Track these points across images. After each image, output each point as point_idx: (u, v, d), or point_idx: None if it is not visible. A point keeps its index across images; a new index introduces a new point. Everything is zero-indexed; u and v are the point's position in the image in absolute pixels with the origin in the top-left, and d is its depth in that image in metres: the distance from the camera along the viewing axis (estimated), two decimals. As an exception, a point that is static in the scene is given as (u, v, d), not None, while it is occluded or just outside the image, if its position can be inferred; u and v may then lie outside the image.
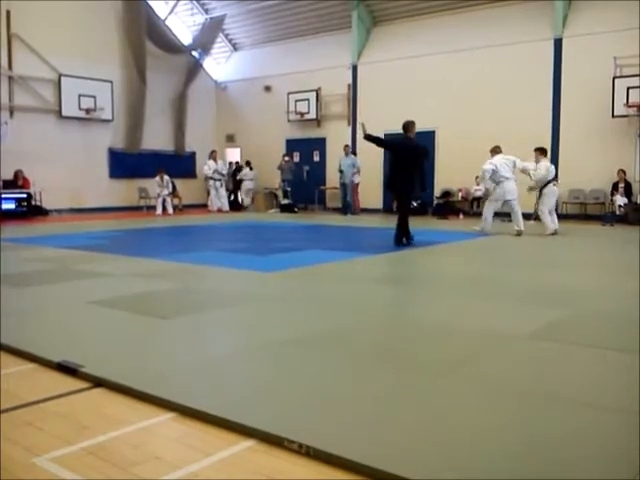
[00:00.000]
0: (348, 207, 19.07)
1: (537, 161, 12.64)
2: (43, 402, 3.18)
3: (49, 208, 18.17)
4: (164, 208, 19.34)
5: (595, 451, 2.56)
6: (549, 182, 12.53)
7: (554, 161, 16.41)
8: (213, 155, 21.12)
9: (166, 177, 19.58)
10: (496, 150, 12.80)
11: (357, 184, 19.27)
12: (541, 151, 12.81)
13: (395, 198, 10.75)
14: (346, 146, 19.28)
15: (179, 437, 2.77)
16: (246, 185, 21.63)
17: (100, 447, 2.65)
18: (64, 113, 18.83)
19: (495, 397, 3.18)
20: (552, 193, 12.67)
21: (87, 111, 19.20)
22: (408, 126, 10.36)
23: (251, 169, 21.82)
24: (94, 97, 19.30)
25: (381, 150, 18.83)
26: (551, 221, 12.46)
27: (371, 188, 19.74)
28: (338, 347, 4.14)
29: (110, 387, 3.35)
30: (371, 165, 19.38)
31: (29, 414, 3.02)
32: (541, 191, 12.62)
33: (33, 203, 17.65)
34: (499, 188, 12.46)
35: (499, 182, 12.39)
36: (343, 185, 19.24)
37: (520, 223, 12.29)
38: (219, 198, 20.94)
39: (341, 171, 19.10)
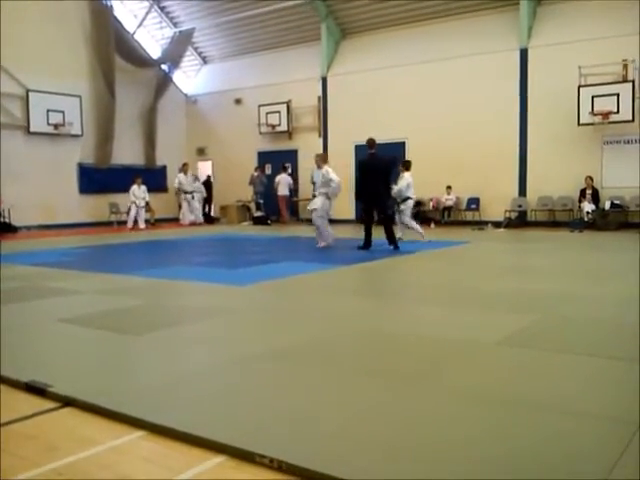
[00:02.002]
0: None
1: (400, 175, 12.50)
2: (11, 424, 3.13)
3: (18, 225, 17.93)
4: (135, 222, 19.18)
5: (570, 458, 2.60)
6: (407, 198, 12.43)
7: (522, 170, 16.71)
8: (184, 168, 21.07)
9: (143, 186, 19.45)
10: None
11: (285, 195, 19.74)
12: (404, 165, 12.64)
13: (370, 210, 11.28)
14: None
15: (149, 455, 2.75)
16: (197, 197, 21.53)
17: (70, 468, 2.62)
18: (32, 129, 18.63)
19: (467, 406, 3.20)
20: (408, 208, 12.63)
21: (56, 126, 19.01)
22: (373, 143, 11.27)
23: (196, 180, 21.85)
24: (63, 112, 19.14)
25: (352, 161, 19.07)
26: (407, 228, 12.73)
27: (342, 199, 19.80)
28: (310, 360, 4.14)
29: (79, 406, 3.31)
30: (342, 176, 19.43)
31: (-3, 436, 2.97)
32: (399, 205, 12.49)
33: (2, 220, 17.42)
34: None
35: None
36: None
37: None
38: (192, 211, 20.88)
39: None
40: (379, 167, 11.22)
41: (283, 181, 19.82)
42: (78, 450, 2.79)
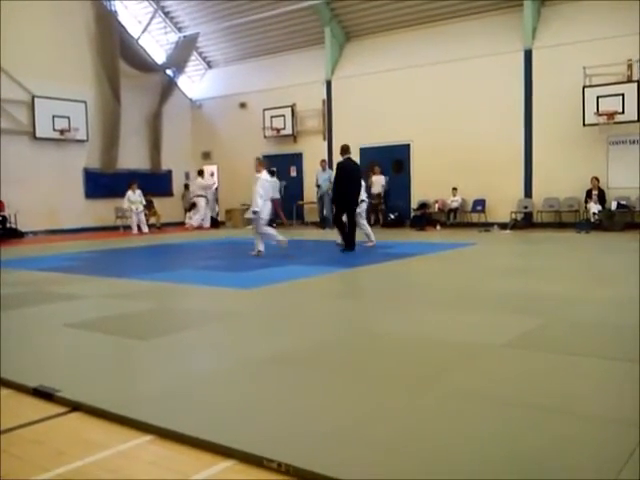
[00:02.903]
0: (326, 221, 19.13)
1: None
2: (19, 428, 3.13)
3: (25, 230, 18.00)
4: (139, 227, 19.18)
5: (576, 460, 2.59)
6: (362, 201, 12.24)
7: (527, 171, 16.67)
8: (202, 174, 21.06)
9: (138, 191, 19.38)
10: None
11: (277, 199, 19.38)
12: None
13: (343, 210, 11.60)
14: (322, 161, 19.38)
15: (157, 460, 2.74)
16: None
17: (77, 472, 2.62)
18: (38, 134, 18.71)
19: (471, 408, 3.19)
20: (363, 211, 12.52)
21: (61, 132, 19.10)
22: (348, 148, 11.74)
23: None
24: (68, 118, 19.22)
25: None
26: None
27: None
28: (315, 364, 4.13)
29: (87, 411, 3.31)
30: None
31: (4, 441, 2.97)
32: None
33: (8, 226, 17.48)
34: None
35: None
36: (321, 199, 19.33)
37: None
38: (203, 215, 20.89)
39: (318, 186, 19.18)
40: (355, 171, 11.71)
41: (274, 185, 20.00)
42: (85, 455, 2.79)
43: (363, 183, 12.49)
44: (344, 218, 11.67)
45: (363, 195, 12.46)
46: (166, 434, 2.95)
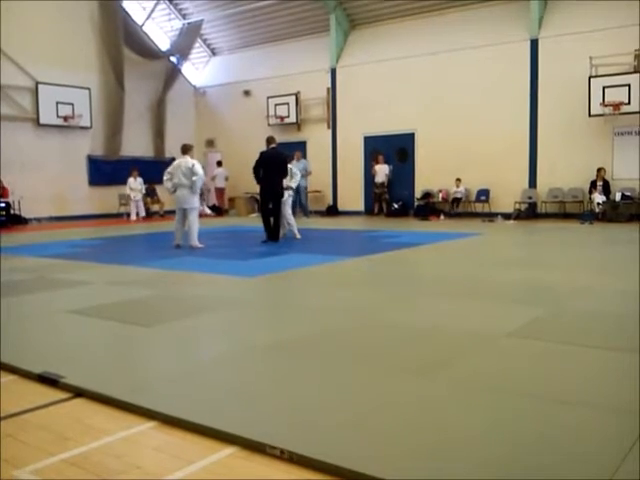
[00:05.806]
0: (304, 209, 19.32)
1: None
2: (24, 414, 3.16)
3: (28, 217, 18.02)
4: (130, 214, 19.23)
5: (576, 449, 2.60)
6: (289, 188, 12.26)
7: (532, 161, 16.61)
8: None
9: (139, 179, 19.42)
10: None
11: (222, 188, 22.10)
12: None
13: (267, 201, 11.52)
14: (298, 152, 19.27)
15: (161, 446, 2.76)
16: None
17: (82, 458, 2.64)
18: (42, 121, 18.68)
19: (476, 398, 3.20)
20: (290, 197, 12.52)
21: (65, 118, 19.06)
22: (273, 139, 12.03)
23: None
24: (72, 104, 19.18)
25: (361, 154, 19.19)
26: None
27: (352, 191, 19.85)
28: (319, 352, 4.15)
29: (91, 397, 3.33)
30: (352, 169, 19.54)
31: (9, 426, 3.00)
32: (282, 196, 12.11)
33: (12, 212, 17.49)
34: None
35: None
36: (297, 189, 19.33)
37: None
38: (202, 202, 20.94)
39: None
40: (275, 159, 11.56)
41: (220, 175, 21.73)
42: (89, 440, 2.81)
43: (297, 172, 12.59)
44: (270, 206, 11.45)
45: (292, 183, 12.41)
46: (170, 420, 2.97)
